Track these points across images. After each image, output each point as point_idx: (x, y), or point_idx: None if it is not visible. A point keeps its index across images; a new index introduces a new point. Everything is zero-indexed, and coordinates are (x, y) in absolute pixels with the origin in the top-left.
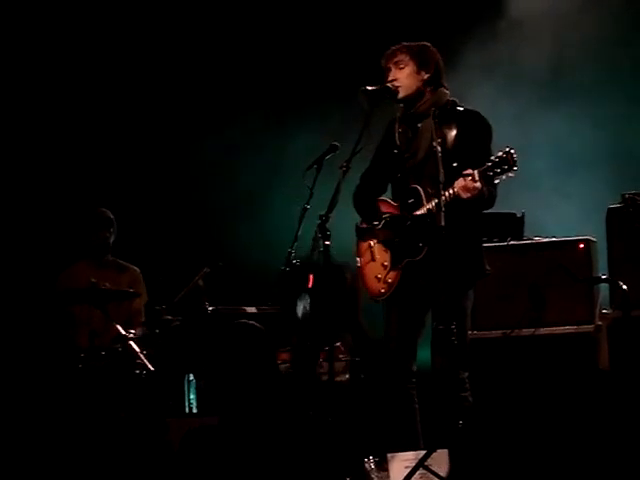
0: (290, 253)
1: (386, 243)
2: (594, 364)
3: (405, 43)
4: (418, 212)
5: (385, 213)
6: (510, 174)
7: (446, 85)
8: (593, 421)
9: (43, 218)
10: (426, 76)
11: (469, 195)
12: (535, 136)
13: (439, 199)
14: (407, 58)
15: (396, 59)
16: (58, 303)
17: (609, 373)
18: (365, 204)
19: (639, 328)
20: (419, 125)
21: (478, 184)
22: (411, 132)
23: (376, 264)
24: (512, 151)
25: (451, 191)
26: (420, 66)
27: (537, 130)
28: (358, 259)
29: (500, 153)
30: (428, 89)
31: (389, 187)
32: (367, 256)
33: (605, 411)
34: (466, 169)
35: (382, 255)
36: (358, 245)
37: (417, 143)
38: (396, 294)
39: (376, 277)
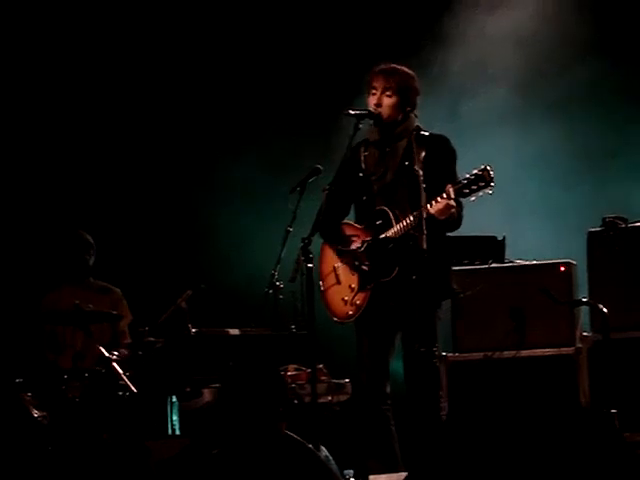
0: (273, 275)
1: (353, 265)
2: (574, 386)
3: (396, 67)
4: (387, 233)
5: (351, 235)
6: (488, 191)
7: (415, 111)
8: (574, 443)
9: (24, 241)
10: (407, 109)
11: (444, 216)
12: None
13: (421, 221)
14: (395, 88)
15: (386, 84)
16: (42, 325)
17: (589, 401)
18: (329, 227)
19: (619, 351)
20: (387, 149)
21: (452, 202)
22: (379, 155)
23: (342, 287)
24: (489, 168)
25: (427, 212)
26: (403, 101)
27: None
28: (321, 282)
29: (476, 170)
30: (401, 119)
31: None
32: (331, 279)
33: (585, 434)
34: (435, 191)
35: (348, 277)
36: (320, 268)
37: (385, 165)
38: (366, 316)
39: (342, 299)
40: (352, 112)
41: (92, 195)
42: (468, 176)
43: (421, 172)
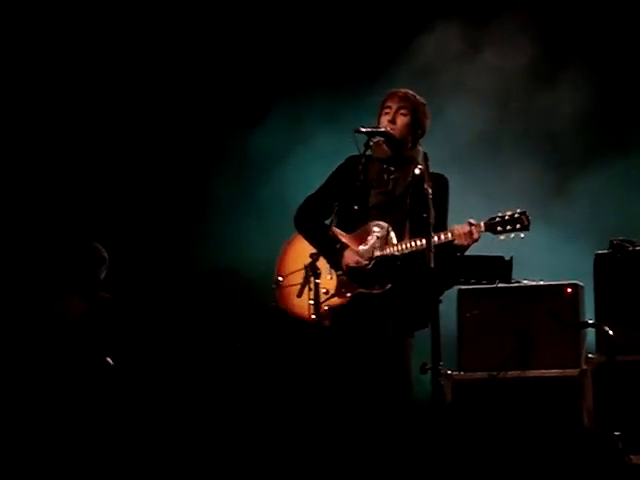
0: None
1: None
2: (578, 408)
3: (411, 93)
4: (389, 249)
5: (336, 242)
6: (521, 235)
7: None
8: (576, 464)
9: (35, 250)
10: (417, 133)
11: (466, 243)
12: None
13: (429, 241)
14: (410, 109)
15: (403, 103)
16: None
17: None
18: (312, 225)
19: (623, 373)
20: (392, 168)
21: (477, 235)
22: (386, 170)
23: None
24: (527, 213)
25: (445, 235)
26: (416, 123)
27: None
28: (280, 277)
29: (510, 212)
30: (411, 142)
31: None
32: (296, 278)
33: (586, 454)
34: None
35: (324, 281)
36: (284, 264)
37: (394, 181)
38: (343, 329)
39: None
40: (363, 130)
41: (102, 206)
42: (504, 215)
43: (430, 190)
